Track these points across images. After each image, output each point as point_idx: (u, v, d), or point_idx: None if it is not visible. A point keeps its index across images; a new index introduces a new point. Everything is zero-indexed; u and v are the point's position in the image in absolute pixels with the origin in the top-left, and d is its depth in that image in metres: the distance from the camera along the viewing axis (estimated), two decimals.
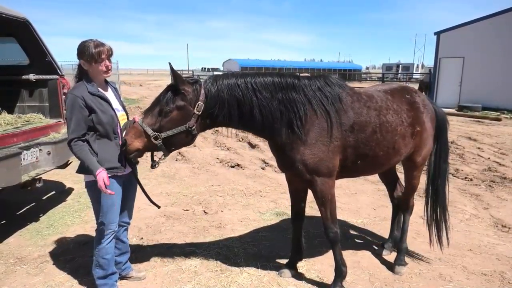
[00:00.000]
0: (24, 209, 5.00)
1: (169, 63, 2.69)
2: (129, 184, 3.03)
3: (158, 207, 3.21)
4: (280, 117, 2.76)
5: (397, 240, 3.85)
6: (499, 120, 14.23)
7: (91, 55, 2.64)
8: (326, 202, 2.93)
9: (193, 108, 2.66)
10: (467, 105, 16.50)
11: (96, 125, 2.68)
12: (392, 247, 3.85)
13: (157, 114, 2.66)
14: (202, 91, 2.68)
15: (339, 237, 3.04)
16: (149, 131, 2.62)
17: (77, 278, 3.31)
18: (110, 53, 2.75)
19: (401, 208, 3.78)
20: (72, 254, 3.73)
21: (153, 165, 2.87)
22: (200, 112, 2.67)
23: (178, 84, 2.63)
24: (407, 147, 3.23)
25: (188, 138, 2.75)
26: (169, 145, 2.72)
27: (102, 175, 2.60)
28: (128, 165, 2.92)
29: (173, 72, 2.62)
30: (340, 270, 3.08)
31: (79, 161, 2.74)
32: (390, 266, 3.57)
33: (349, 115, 2.89)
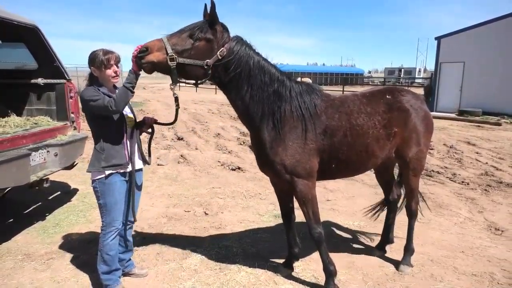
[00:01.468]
0: (31, 208, 5.17)
1: (211, 2, 2.62)
2: (135, 183, 3.19)
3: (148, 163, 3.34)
4: (269, 106, 2.92)
5: (389, 241, 4.00)
6: (499, 125, 14.32)
7: (101, 62, 2.87)
8: (307, 202, 3.06)
9: (218, 49, 2.74)
10: (468, 109, 16.59)
11: (108, 122, 2.91)
12: (384, 248, 3.99)
13: (184, 38, 2.69)
14: (230, 42, 2.79)
15: (323, 237, 3.16)
16: (169, 50, 2.63)
17: (83, 274, 3.46)
18: (118, 60, 2.97)
19: (406, 213, 3.78)
20: (77, 252, 3.88)
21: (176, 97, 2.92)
22: (221, 57, 2.75)
23: (214, 20, 2.71)
24: (383, 150, 3.29)
25: (199, 73, 2.78)
26: (181, 72, 2.75)
27: (132, 61, 2.68)
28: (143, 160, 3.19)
29: (212, 10, 2.66)
30: (328, 270, 3.19)
31: (90, 161, 2.97)
32: (395, 264, 3.72)
33: (322, 119, 3.04)
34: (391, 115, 3.28)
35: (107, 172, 2.94)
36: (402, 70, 56.51)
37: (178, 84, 2.88)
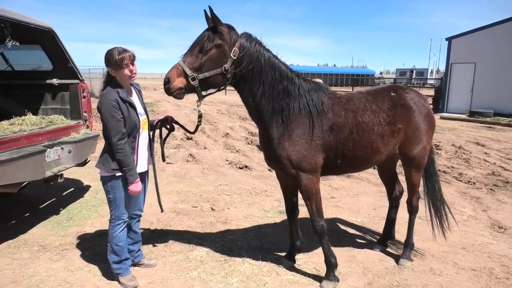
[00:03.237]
0: (46, 203, 5.40)
1: (208, 7, 2.73)
2: (142, 180, 3.35)
3: (162, 210, 3.62)
4: (279, 102, 3.03)
5: (390, 236, 4.10)
6: (511, 126, 14.17)
7: (115, 62, 2.93)
8: (311, 196, 3.17)
9: (230, 51, 2.85)
10: (479, 110, 16.44)
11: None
12: (385, 243, 4.09)
13: (197, 53, 2.83)
14: (239, 40, 2.89)
15: (325, 230, 3.27)
16: (188, 71, 2.79)
17: (95, 264, 3.65)
18: (132, 58, 3.01)
19: (407, 209, 3.88)
20: (89, 244, 4.08)
21: (200, 114, 3.17)
22: (235, 57, 2.85)
23: (217, 23, 2.81)
24: (387, 146, 3.38)
25: (221, 82, 2.93)
26: (205, 87, 2.90)
27: (136, 187, 3.03)
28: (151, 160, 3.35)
29: (212, 13, 2.77)
30: (329, 262, 3.30)
31: (99, 156, 3.11)
32: (396, 259, 3.82)
33: (329, 116, 3.14)
34: (395, 112, 3.37)
35: (117, 174, 3.07)
36: (414, 71, 56.02)
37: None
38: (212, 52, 2.83)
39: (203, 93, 2.95)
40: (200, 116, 3.17)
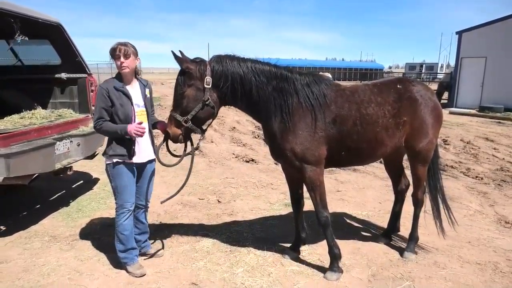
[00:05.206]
0: (56, 195, 5.51)
1: (172, 51, 2.96)
2: (145, 171, 3.44)
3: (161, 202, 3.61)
4: (274, 102, 3.10)
5: (395, 229, 4.10)
6: None
7: (111, 53, 3.11)
8: (315, 188, 3.21)
9: (203, 83, 2.99)
10: (489, 106, 16.20)
11: (114, 116, 3.14)
12: (390, 236, 4.10)
13: (179, 99, 3.05)
14: (208, 67, 3.01)
15: (329, 221, 3.31)
16: (179, 118, 3.02)
17: (103, 253, 3.73)
18: (125, 52, 3.08)
19: (412, 203, 3.86)
20: (98, 234, 4.17)
21: (197, 147, 3.42)
22: (209, 86, 2.99)
23: (182, 64, 2.98)
24: (393, 138, 3.37)
25: (209, 112, 3.09)
26: (199, 123, 3.11)
27: (131, 127, 3.05)
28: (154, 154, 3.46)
29: (174, 56, 2.96)
30: (333, 253, 3.34)
31: (106, 142, 3.23)
32: (400, 252, 3.84)
33: (331, 109, 3.16)
34: (401, 104, 3.35)
35: (114, 160, 3.18)
36: (424, 65, 55.30)
37: None
38: (188, 92, 3.00)
39: (203, 127, 3.18)
40: (196, 148, 3.43)
